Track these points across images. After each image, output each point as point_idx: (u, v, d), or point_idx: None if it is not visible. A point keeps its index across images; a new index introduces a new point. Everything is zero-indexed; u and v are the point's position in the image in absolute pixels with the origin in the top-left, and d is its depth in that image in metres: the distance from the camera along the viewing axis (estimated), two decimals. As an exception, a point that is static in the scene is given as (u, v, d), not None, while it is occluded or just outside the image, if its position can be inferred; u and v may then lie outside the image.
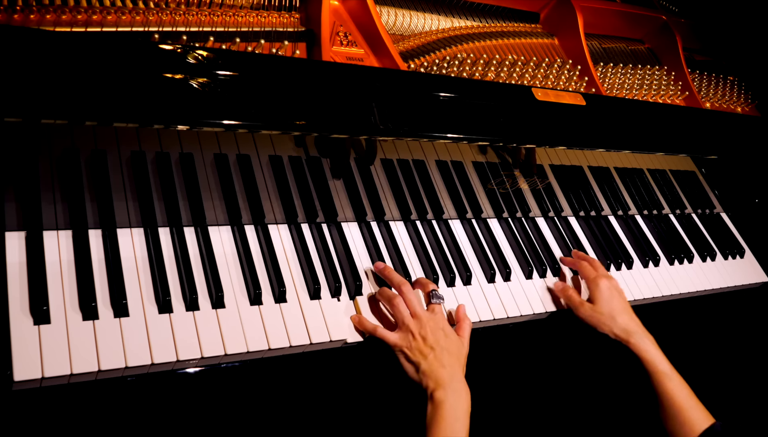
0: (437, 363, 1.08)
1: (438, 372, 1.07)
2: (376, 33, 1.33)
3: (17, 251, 0.98)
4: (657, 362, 1.25)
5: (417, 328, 1.11)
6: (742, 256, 1.93)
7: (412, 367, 1.10)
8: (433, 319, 1.13)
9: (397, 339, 1.12)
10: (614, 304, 1.34)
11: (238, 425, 1.18)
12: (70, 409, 0.97)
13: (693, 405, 1.20)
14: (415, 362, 1.09)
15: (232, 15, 1.21)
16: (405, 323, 1.12)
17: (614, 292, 1.36)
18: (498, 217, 1.53)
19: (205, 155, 1.10)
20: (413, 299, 1.15)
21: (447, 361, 1.09)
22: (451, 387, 1.06)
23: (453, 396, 1.05)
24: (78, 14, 1.04)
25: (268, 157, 1.17)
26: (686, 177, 1.89)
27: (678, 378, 1.23)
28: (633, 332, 1.29)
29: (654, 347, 1.28)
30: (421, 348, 1.10)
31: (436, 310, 1.16)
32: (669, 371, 1.24)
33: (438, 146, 1.32)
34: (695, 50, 2.10)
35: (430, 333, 1.11)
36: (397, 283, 1.18)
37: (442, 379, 1.06)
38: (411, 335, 1.11)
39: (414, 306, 1.14)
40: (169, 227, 1.13)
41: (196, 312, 1.04)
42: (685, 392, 1.22)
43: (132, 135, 1.00)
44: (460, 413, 1.04)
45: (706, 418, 1.18)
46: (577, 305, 1.36)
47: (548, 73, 1.59)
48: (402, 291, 1.16)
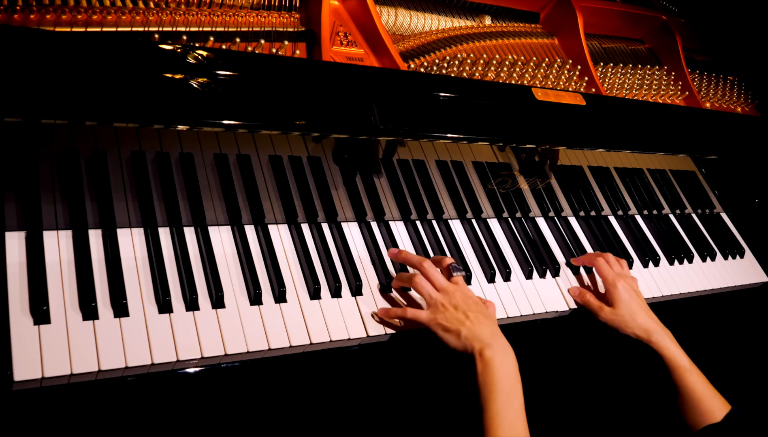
0: (477, 325, 1.08)
1: (480, 333, 1.07)
2: (376, 33, 1.33)
3: (17, 251, 0.98)
4: (677, 358, 1.29)
5: (446, 299, 1.12)
6: (742, 256, 1.93)
7: (452, 336, 1.09)
8: (459, 289, 1.14)
9: (430, 314, 1.12)
10: (634, 306, 1.36)
11: (238, 425, 1.18)
12: (70, 409, 0.97)
13: (712, 395, 1.25)
14: (455, 330, 1.09)
15: (232, 15, 1.21)
16: (433, 297, 1.12)
17: (632, 293, 1.38)
18: (498, 217, 1.53)
19: (205, 155, 1.10)
20: (435, 273, 1.15)
21: (485, 322, 1.10)
22: (496, 344, 1.06)
23: (500, 352, 1.06)
24: (78, 14, 1.04)
25: (268, 157, 1.17)
26: (686, 177, 1.89)
27: (697, 372, 1.28)
28: (653, 331, 1.33)
29: (673, 343, 1.32)
30: (456, 316, 1.10)
31: (459, 282, 1.17)
32: (689, 365, 1.28)
33: (438, 146, 1.32)
34: (695, 50, 2.10)
35: (461, 300, 1.12)
36: (417, 261, 1.18)
37: (485, 338, 1.07)
38: (442, 306, 1.11)
39: (438, 280, 1.14)
40: (169, 227, 1.13)
41: (196, 312, 1.04)
42: (704, 385, 1.27)
43: (132, 135, 1.00)
44: (511, 367, 1.05)
45: (724, 406, 1.23)
46: (596, 310, 1.38)
47: (548, 73, 1.59)
48: (423, 267, 1.16)
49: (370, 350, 1.20)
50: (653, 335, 1.32)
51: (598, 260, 1.45)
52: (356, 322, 1.17)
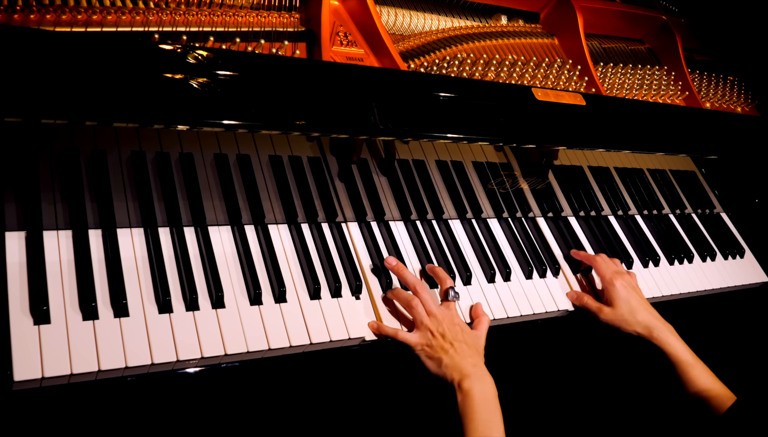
0: (458, 356, 1.12)
1: (461, 364, 1.10)
2: (376, 33, 1.33)
3: (17, 251, 0.98)
4: (680, 353, 1.31)
5: (435, 326, 1.15)
6: (742, 256, 1.93)
7: (434, 363, 1.13)
8: (448, 316, 1.17)
9: (418, 338, 1.15)
10: (633, 303, 1.37)
11: (238, 425, 1.18)
12: (70, 409, 0.97)
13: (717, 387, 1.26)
14: (437, 358, 1.12)
15: (232, 15, 1.21)
16: (423, 323, 1.15)
17: (630, 291, 1.39)
18: (498, 217, 1.53)
19: (205, 155, 1.10)
20: (428, 299, 1.18)
21: (467, 353, 1.13)
22: (475, 374, 1.09)
23: (479, 382, 1.08)
24: (78, 14, 1.04)
25: (268, 157, 1.17)
26: (686, 177, 1.89)
27: (701, 365, 1.30)
28: (654, 327, 1.34)
29: (675, 338, 1.33)
30: (441, 345, 1.13)
31: (450, 307, 1.20)
32: (692, 360, 1.30)
33: (438, 146, 1.32)
34: (695, 50, 2.10)
35: (448, 329, 1.15)
36: (413, 283, 1.21)
37: (465, 369, 1.09)
38: (430, 333, 1.14)
39: (430, 306, 1.17)
40: (169, 227, 1.13)
41: (196, 312, 1.04)
42: (710, 378, 1.28)
43: (132, 135, 1.00)
44: (490, 396, 1.08)
45: (729, 398, 1.25)
46: (596, 311, 1.39)
47: (548, 73, 1.59)
48: (417, 291, 1.19)
49: (370, 350, 1.20)
50: (654, 331, 1.33)
51: (596, 258, 1.47)
52: (356, 322, 1.17)
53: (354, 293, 1.21)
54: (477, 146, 1.35)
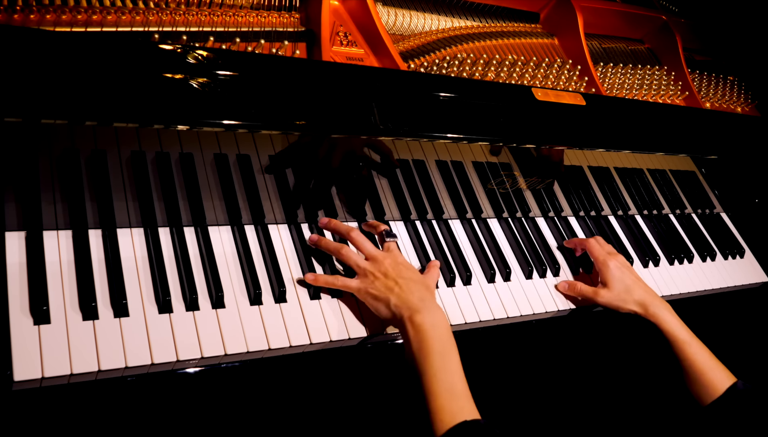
0: (405, 292, 1.08)
1: (408, 299, 1.07)
2: (376, 33, 1.33)
3: (17, 251, 0.98)
4: (676, 330, 1.29)
5: (375, 267, 1.11)
6: (742, 256, 1.93)
7: (381, 305, 1.09)
8: (390, 256, 1.13)
9: (358, 283, 1.11)
10: (627, 281, 1.36)
11: (238, 425, 1.18)
12: (70, 409, 0.97)
13: (714, 366, 1.25)
14: (384, 298, 1.08)
15: (232, 15, 1.21)
16: (361, 266, 1.12)
17: (624, 270, 1.38)
18: (498, 217, 1.53)
19: (205, 155, 1.10)
20: (364, 242, 1.14)
21: (414, 288, 1.09)
22: (425, 308, 1.05)
23: (429, 315, 1.04)
24: (78, 14, 1.04)
25: (268, 157, 1.17)
26: (686, 177, 1.89)
27: (697, 343, 1.28)
28: (650, 303, 1.32)
29: (671, 315, 1.31)
30: (385, 283, 1.09)
31: (391, 248, 1.17)
32: (688, 337, 1.28)
33: (438, 146, 1.32)
34: (695, 50, 2.10)
35: (390, 268, 1.11)
36: (345, 230, 1.17)
37: (414, 304, 1.06)
38: (372, 275, 1.10)
39: (367, 248, 1.14)
40: (169, 227, 1.13)
41: (196, 312, 1.04)
42: (706, 355, 1.26)
43: (132, 135, 1.00)
44: (442, 327, 1.04)
45: (728, 378, 1.23)
46: (593, 295, 1.38)
47: (548, 73, 1.59)
48: (351, 236, 1.16)
49: (370, 349, 1.20)
50: (650, 307, 1.32)
51: (589, 240, 1.46)
52: (356, 322, 1.17)
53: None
54: (477, 146, 1.35)
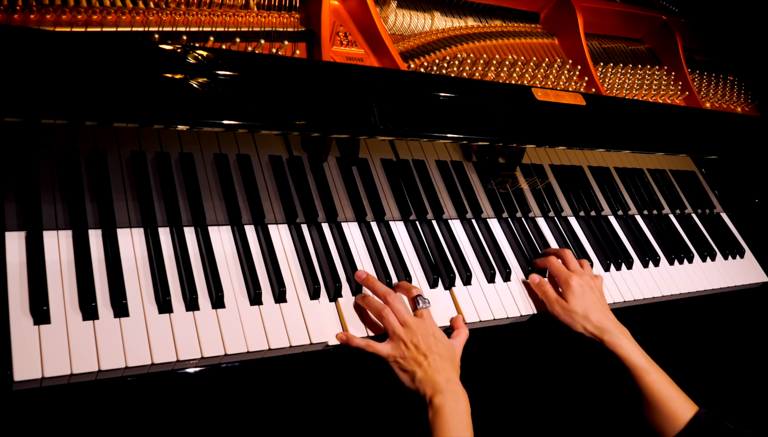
0: (432, 369, 1.08)
1: (434, 377, 1.07)
2: (376, 33, 1.33)
3: (17, 251, 0.98)
4: (633, 357, 1.23)
5: (408, 337, 1.11)
6: (742, 256, 1.93)
7: (407, 376, 1.10)
8: (422, 325, 1.13)
9: (390, 349, 1.11)
10: (587, 302, 1.31)
11: (238, 425, 1.18)
12: (70, 409, 0.97)
13: (674, 395, 1.19)
14: (410, 371, 1.09)
15: (232, 15, 1.21)
16: (396, 333, 1.11)
17: (587, 289, 1.32)
18: (498, 217, 1.53)
19: (205, 155, 1.10)
20: (401, 308, 1.14)
21: (441, 366, 1.09)
22: (448, 390, 1.06)
23: (452, 399, 1.05)
24: (78, 14, 1.04)
25: (268, 157, 1.17)
26: (686, 177, 1.89)
27: (656, 370, 1.22)
28: (606, 329, 1.27)
29: (629, 342, 1.26)
30: (414, 357, 1.09)
31: (424, 315, 1.15)
32: (646, 365, 1.23)
33: (438, 146, 1.32)
34: (695, 50, 2.10)
35: (422, 339, 1.11)
36: (383, 293, 1.16)
37: (438, 384, 1.06)
38: (403, 344, 1.10)
39: (402, 315, 1.13)
40: (169, 227, 1.13)
41: (196, 312, 1.04)
42: (665, 383, 1.21)
43: (132, 135, 1.00)
44: (462, 414, 1.05)
45: (690, 407, 1.18)
46: (552, 302, 1.33)
47: (548, 73, 1.59)
48: (388, 301, 1.14)
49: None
50: (606, 333, 1.26)
51: (550, 259, 1.39)
52: (358, 323, 1.17)
53: (355, 293, 1.21)
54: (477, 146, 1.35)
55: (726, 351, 1.95)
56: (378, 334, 1.17)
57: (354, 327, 1.16)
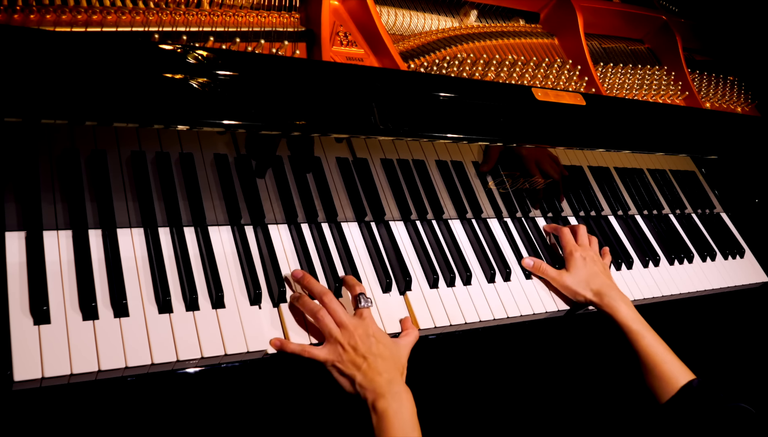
0: (372, 372, 1.03)
1: (375, 381, 1.02)
2: (376, 33, 1.33)
3: (17, 251, 0.98)
4: (629, 321, 1.27)
5: (346, 339, 1.05)
6: (742, 256, 1.93)
7: (347, 381, 1.04)
8: (361, 326, 1.07)
9: (327, 353, 1.05)
10: (589, 270, 1.36)
11: (238, 425, 1.18)
12: (70, 409, 0.97)
13: (669, 359, 1.23)
14: (350, 375, 1.04)
15: (232, 15, 1.21)
16: (333, 335, 1.05)
17: (588, 262, 1.38)
18: (498, 217, 1.53)
19: (205, 155, 1.10)
20: (338, 308, 1.08)
21: (382, 367, 1.04)
22: (390, 392, 1.01)
23: (395, 401, 1.01)
24: (78, 14, 1.04)
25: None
26: (686, 177, 1.89)
27: (652, 335, 1.26)
28: (605, 293, 1.31)
29: (627, 306, 1.30)
30: (353, 359, 1.04)
31: (364, 315, 1.10)
32: (642, 329, 1.26)
33: (438, 146, 1.32)
34: (695, 50, 2.10)
35: (360, 341, 1.05)
36: (319, 293, 1.10)
37: (380, 388, 1.02)
38: (341, 347, 1.04)
39: (339, 316, 1.07)
40: (169, 227, 1.13)
41: (196, 312, 1.04)
42: (661, 348, 1.24)
43: (132, 135, 1.00)
44: (407, 416, 1.01)
45: (685, 373, 1.21)
46: (554, 276, 1.39)
47: (548, 73, 1.59)
48: (324, 301, 1.08)
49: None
50: (605, 297, 1.30)
51: (564, 229, 1.45)
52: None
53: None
54: (477, 146, 1.35)
55: (726, 352, 1.96)
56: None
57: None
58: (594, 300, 1.33)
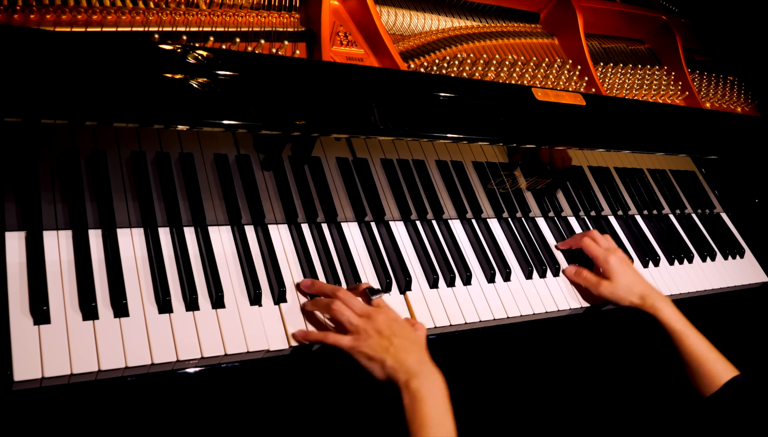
0: (401, 352, 1.02)
1: (406, 361, 1.01)
2: (376, 33, 1.33)
3: (17, 251, 0.98)
4: (673, 321, 1.30)
5: (369, 325, 1.04)
6: (742, 256, 1.93)
7: (376, 365, 1.02)
8: (381, 312, 1.07)
9: (351, 340, 1.04)
10: (630, 277, 1.39)
11: (238, 425, 1.18)
12: (70, 409, 0.97)
13: (714, 358, 1.26)
14: (379, 359, 1.02)
15: (232, 15, 1.21)
16: (353, 323, 1.05)
17: (625, 266, 1.41)
18: (498, 217, 1.53)
19: (205, 155, 1.10)
20: (352, 299, 1.08)
21: (410, 348, 1.03)
22: (423, 372, 1.00)
23: (428, 379, 1.00)
24: (78, 14, 1.04)
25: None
26: (686, 177, 1.89)
27: (696, 333, 1.29)
28: (648, 295, 1.35)
29: (670, 307, 1.33)
30: (379, 342, 1.02)
31: (380, 304, 1.11)
32: (685, 328, 1.30)
33: (438, 146, 1.32)
34: (695, 50, 2.10)
35: (384, 325, 1.04)
36: (331, 291, 1.10)
37: (412, 367, 1.00)
38: (365, 332, 1.04)
39: (358, 306, 1.07)
40: (169, 227, 1.13)
41: (196, 312, 1.04)
42: (704, 346, 1.27)
43: (132, 135, 1.00)
44: (440, 395, 0.99)
45: (729, 370, 1.24)
46: (595, 284, 1.40)
47: (548, 73, 1.59)
48: (339, 296, 1.08)
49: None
50: (648, 299, 1.33)
51: (584, 240, 1.46)
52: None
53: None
54: (477, 146, 1.35)
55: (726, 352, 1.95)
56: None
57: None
58: (637, 304, 1.35)
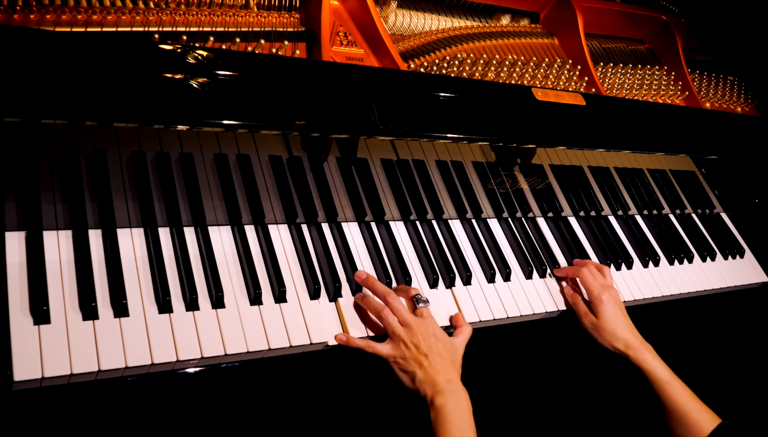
0: (432, 370, 1.09)
1: (434, 378, 1.08)
2: (376, 33, 1.33)
3: (17, 251, 0.98)
4: (657, 371, 1.27)
5: (409, 337, 1.11)
6: (742, 256, 1.93)
7: (407, 377, 1.10)
8: (423, 325, 1.13)
9: (390, 349, 1.11)
10: (617, 322, 1.34)
11: (238, 425, 1.18)
12: (70, 409, 0.97)
13: (696, 407, 1.23)
14: (411, 372, 1.10)
15: (232, 15, 1.21)
16: (396, 333, 1.11)
17: (617, 310, 1.36)
18: (498, 217, 1.53)
19: (205, 155, 1.10)
20: (400, 307, 1.14)
21: (442, 367, 1.10)
22: (449, 390, 1.06)
23: (453, 398, 1.06)
24: (78, 14, 1.04)
25: (268, 157, 1.17)
26: (686, 177, 1.89)
27: (679, 384, 1.26)
28: (631, 345, 1.31)
29: (652, 356, 1.30)
30: (415, 357, 1.10)
31: (424, 314, 1.16)
32: (669, 378, 1.26)
33: (438, 146, 1.32)
34: (695, 50, 2.10)
35: (423, 340, 1.11)
36: (382, 293, 1.16)
37: (439, 385, 1.07)
38: (403, 344, 1.11)
39: (402, 315, 1.13)
40: (169, 227, 1.13)
41: (196, 312, 1.04)
42: (687, 396, 1.24)
43: (132, 135, 1.00)
44: (464, 413, 1.05)
45: (712, 419, 1.21)
46: (582, 315, 1.38)
47: (548, 73, 1.59)
48: (388, 301, 1.15)
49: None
50: (630, 349, 1.31)
51: (582, 271, 1.41)
52: (359, 323, 1.17)
53: (354, 293, 1.21)
54: (477, 146, 1.35)
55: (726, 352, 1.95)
56: (378, 334, 1.17)
57: (354, 327, 1.16)
58: (620, 350, 1.33)
